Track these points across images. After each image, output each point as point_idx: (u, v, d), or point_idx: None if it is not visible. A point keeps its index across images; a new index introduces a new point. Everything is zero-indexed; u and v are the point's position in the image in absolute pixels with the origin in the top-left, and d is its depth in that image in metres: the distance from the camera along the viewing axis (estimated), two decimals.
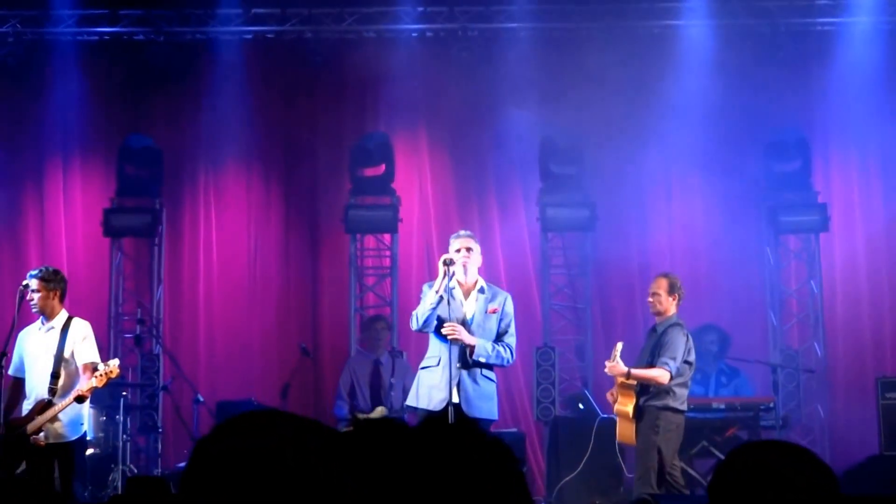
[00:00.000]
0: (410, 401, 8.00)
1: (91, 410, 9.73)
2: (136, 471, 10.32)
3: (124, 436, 10.13)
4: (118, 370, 7.84)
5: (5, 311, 10.05)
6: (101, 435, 10.19)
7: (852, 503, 5.55)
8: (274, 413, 1.81)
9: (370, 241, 11.91)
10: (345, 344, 11.32)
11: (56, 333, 7.91)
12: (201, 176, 12.01)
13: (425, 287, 8.04)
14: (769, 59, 11.19)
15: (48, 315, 7.94)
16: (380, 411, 10.17)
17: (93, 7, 11.50)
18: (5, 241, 11.80)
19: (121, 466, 9.98)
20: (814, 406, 10.98)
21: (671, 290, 8.58)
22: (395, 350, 10.73)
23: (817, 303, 11.36)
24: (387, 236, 11.74)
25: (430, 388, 7.72)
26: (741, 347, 10.71)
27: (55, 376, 7.86)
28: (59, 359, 7.91)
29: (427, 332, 7.93)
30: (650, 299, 8.67)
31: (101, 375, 7.71)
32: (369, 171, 11.59)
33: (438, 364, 7.86)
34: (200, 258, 11.83)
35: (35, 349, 7.94)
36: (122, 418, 10.04)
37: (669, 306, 8.56)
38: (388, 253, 11.75)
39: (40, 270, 8.04)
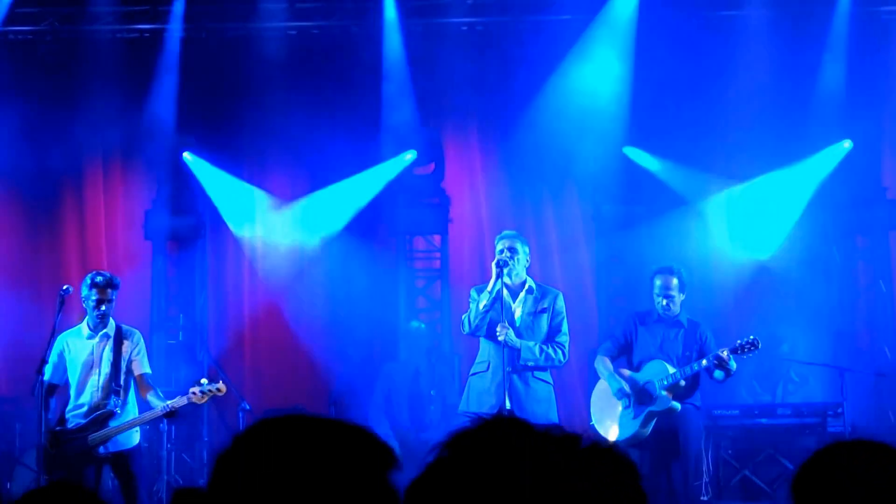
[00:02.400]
0: (462, 405, 7.97)
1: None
2: (180, 481, 10.26)
3: (168, 445, 10.16)
4: (224, 388, 7.76)
5: (43, 315, 9.85)
6: (144, 445, 9.72)
7: None
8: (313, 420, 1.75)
9: (419, 242, 11.88)
10: (394, 350, 11.19)
11: (111, 342, 7.78)
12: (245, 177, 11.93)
13: (472, 291, 8.09)
14: None
15: (106, 323, 7.79)
16: None
17: (132, 4, 11.45)
18: (44, 243, 11.79)
19: (165, 477, 10.02)
20: (884, 412, 10.70)
21: (683, 288, 8.56)
22: (438, 355, 10.59)
23: (886, 303, 11.14)
24: (436, 237, 11.68)
25: (480, 393, 7.72)
26: (808, 350, 10.61)
27: (117, 387, 7.74)
28: (118, 368, 7.75)
29: (478, 337, 7.95)
30: (666, 300, 8.49)
31: (205, 393, 7.62)
32: (419, 171, 11.58)
33: (488, 369, 7.89)
34: (245, 263, 11.78)
35: (86, 357, 7.76)
36: (165, 427, 9.97)
37: (680, 301, 8.57)
38: (437, 255, 11.69)
39: (111, 277, 7.86)
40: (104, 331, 7.77)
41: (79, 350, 7.79)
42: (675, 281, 8.41)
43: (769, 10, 11.03)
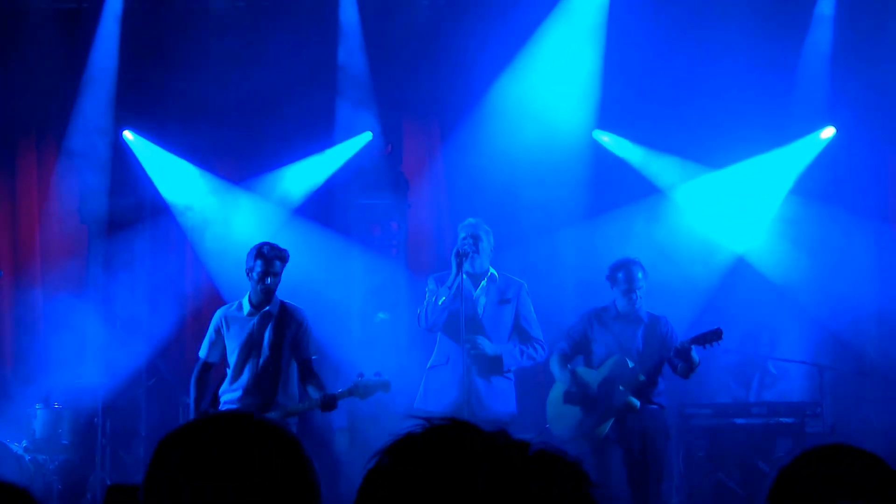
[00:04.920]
0: (418, 401, 8.20)
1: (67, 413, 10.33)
2: (116, 479, 10.30)
3: (103, 441, 10.19)
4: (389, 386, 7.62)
5: None
6: (76, 440, 10.33)
7: None
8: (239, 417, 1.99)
9: (375, 229, 11.85)
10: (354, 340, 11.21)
11: (273, 321, 7.61)
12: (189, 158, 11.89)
13: (430, 281, 8.33)
14: None
15: (270, 299, 7.64)
16: None
17: None
18: None
19: (100, 474, 10.08)
20: (865, 413, 10.68)
21: (646, 280, 8.71)
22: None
23: (871, 299, 11.10)
24: (393, 224, 11.75)
25: (439, 388, 7.92)
26: (788, 346, 10.79)
27: (276, 371, 7.57)
28: (279, 351, 7.63)
29: (435, 332, 8.23)
30: (634, 294, 8.55)
31: (372, 386, 7.46)
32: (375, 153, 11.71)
33: (447, 363, 8.14)
34: (187, 249, 11.70)
35: (245, 336, 7.61)
36: (100, 421, 10.07)
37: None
38: (394, 242, 11.77)
39: (282, 249, 7.69)
40: (267, 308, 7.56)
41: (238, 328, 7.61)
42: (640, 273, 8.45)
43: None
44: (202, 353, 7.71)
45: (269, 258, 7.56)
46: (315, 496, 1.92)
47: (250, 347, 7.56)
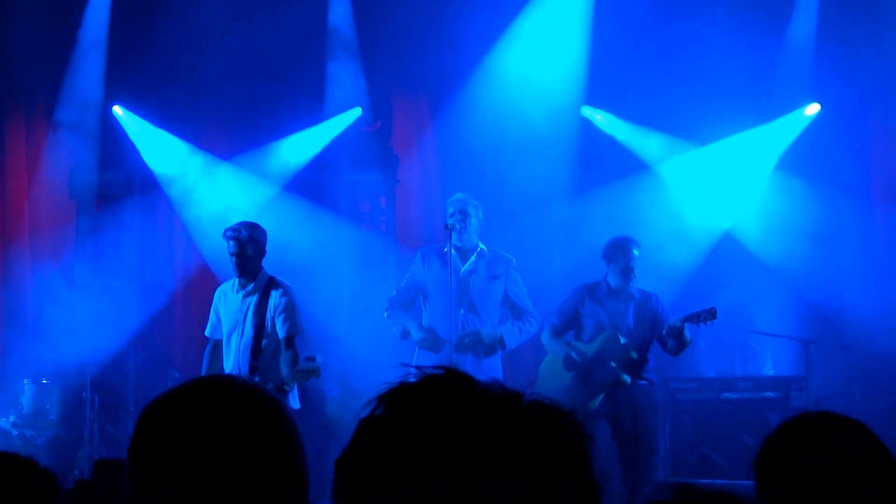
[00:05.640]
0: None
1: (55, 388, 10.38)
2: (103, 453, 10.27)
3: (91, 415, 10.21)
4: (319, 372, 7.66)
5: None
6: (64, 415, 10.38)
7: None
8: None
9: (364, 204, 12.08)
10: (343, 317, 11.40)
11: (256, 298, 7.69)
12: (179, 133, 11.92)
13: (418, 254, 8.59)
14: None
15: (254, 277, 7.72)
16: None
17: None
18: None
19: (87, 448, 10.13)
20: (849, 387, 10.74)
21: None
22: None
23: (856, 274, 11.19)
24: (382, 199, 11.89)
25: (427, 363, 7.67)
26: (773, 321, 10.82)
27: (256, 351, 7.62)
28: (260, 329, 7.66)
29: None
30: (635, 271, 8.69)
31: (304, 372, 7.44)
32: (365, 129, 11.75)
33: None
34: (177, 224, 11.75)
35: (233, 314, 7.71)
36: (88, 396, 10.07)
37: None
38: (383, 218, 11.87)
39: (241, 227, 7.75)
40: (252, 285, 7.70)
41: (229, 305, 7.73)
42: (636, 251, 8.54)
43: None
44: (207, 331, 7.84)
45: (225, 240, 7.70)
46: (298, 453, 1.93)
47: (235, 324, 7.67)
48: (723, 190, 11.54)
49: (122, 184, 11.71)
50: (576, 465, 1.45)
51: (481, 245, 8.46)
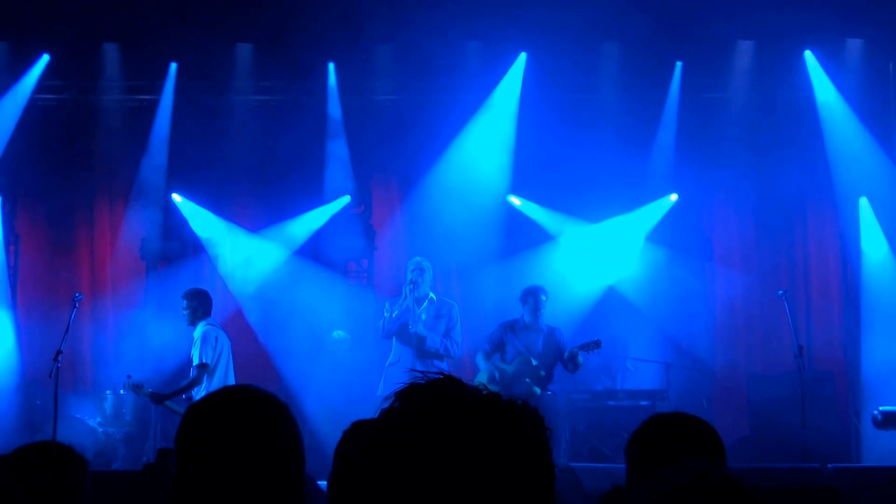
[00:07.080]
0: (380, 390, 9.12)
1: (129, 398, 10.92)
2: (164, 444, 10.27)
3: (155, 417, 10.78)
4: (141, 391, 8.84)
5: (61, 315, 10.49)
6: (135, 417, 11.02)
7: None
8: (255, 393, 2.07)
9: (351, 265, 12.82)
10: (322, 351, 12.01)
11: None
12: (219, 213, 12.61)
13: (387, 303, 9.36)
14: None
15: (194, 326, 9.24)
16: None
17: (135, 79, 12.51)
18: (63, 262, 12.57)
19: (152, 442, 10.65)
20: (699, 398, 11.65)
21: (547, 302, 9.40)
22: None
23: (701, 313, 12.29)
24: (365, 261, 12.68)
25: (395, 381, 8.24)
26: (643, 349, 11.78)
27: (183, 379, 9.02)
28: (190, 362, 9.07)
29: (390, 338, 9.27)
30: (541, 310, 9.40)
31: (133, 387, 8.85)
32: (353, 211, 12.59)
33: (399, 361, 9.21)
34: (217, 279, 12.36)
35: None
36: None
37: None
38: (365, 275, 12.73)
39: (189, 290, 9.27)
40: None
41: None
42: (543, 297, 9.52)
43: (620, 92, 12.43)
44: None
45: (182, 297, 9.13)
46: (300, 446, 2.06)
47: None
48: (608, 255, 12.36)
49: (179, 249, 12.42)
50: (545, 448, 1.52)
51: (431, 294, 9.22)
